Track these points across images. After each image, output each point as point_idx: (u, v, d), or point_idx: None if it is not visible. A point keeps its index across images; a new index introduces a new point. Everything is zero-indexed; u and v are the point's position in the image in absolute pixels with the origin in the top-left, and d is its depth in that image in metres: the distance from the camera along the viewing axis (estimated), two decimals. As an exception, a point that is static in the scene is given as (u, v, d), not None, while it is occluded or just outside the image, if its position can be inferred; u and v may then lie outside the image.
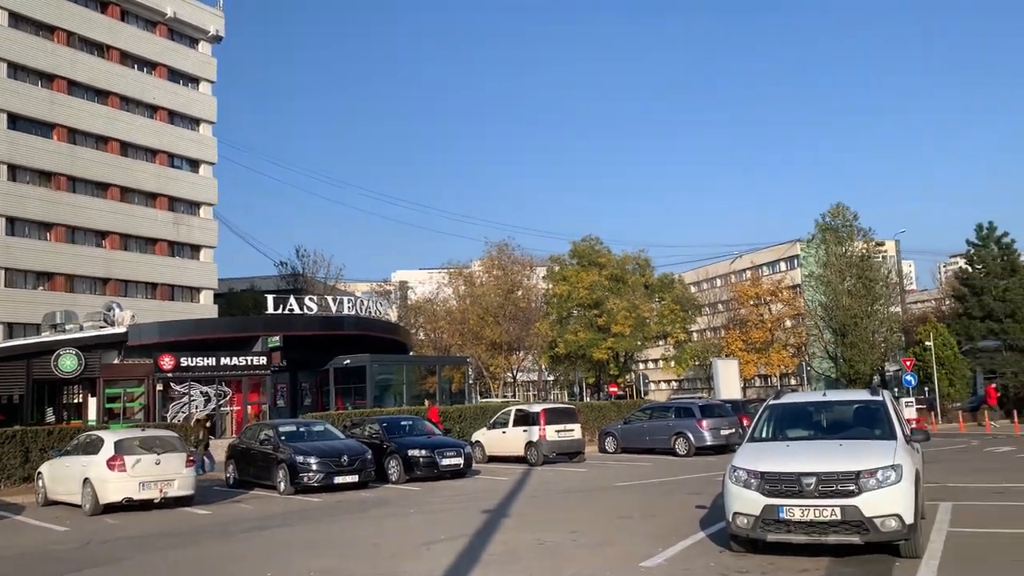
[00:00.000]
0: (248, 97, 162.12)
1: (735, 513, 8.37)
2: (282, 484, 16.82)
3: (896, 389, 45.54)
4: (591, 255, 62.10)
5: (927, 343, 41.10)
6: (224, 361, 30.40)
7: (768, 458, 8.56)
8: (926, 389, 42.73)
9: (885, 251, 59.98)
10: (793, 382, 66.81)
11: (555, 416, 22.72)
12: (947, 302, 62.98)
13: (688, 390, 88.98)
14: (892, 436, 8.77)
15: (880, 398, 9.53)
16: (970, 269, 44.30)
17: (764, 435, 9.64)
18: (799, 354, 62.08)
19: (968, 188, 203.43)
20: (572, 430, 22.77)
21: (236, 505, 15.60)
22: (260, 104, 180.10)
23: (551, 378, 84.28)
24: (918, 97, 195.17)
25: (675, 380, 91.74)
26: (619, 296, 60.85)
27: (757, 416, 9.93)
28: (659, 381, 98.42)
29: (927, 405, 39.68)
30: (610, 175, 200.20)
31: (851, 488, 7.81)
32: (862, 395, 9.93)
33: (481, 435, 24.16)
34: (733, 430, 23.53)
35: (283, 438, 17.68)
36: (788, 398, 10.24)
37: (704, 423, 23.59)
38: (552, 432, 22.25)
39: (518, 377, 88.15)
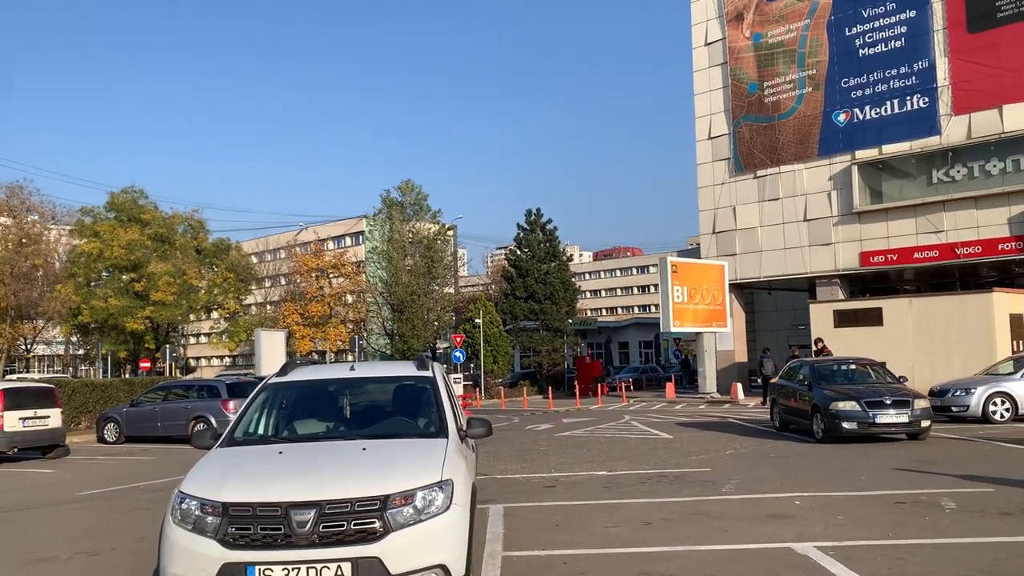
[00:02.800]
0: None
1: (174, 577, 4.69)
2: None
3: (446, 365, 46.16)
4: (133, 210, 53.59)
5: (477, 320, 41.90)
6: None
7: (242, 477, 5.01)
8: (472, 365, 43.71)
9: (451, 235, 61.45)
10: (350, 358, 65.55)
11: (22, 399, 16.80)
12: (493, 286, 66.84)
13: (244, 366, 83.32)
14: (442, 431, 5.83)
15: (429, 374, 6.60)
16: (518, 252, 46.43)
17: (253, 432, 6.11)
18: (358, 329, 60.82)
19: (519, 183, 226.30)
20: (47, 417, 17.06)
21: None
22: None
23: (81, 351, 72.69)
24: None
25: (229, 356, 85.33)
26: (165, 259, 53.57)
27: (247, 401, 6.36)
28: (211, 357, 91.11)
29: (473, 381, 40.36)
30: (167, 132, 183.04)
31: (373, 526, 4.61)
32: (405, 370, 6.91)
33: (-96, 427, 17.12)
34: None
35: None
36: (299, 374, 6.77)
37: (231, 405, 19.46)
38: (15, 420, 16.34)
39: (38, 350, 74.32)
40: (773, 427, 17.82)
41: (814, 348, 25.38)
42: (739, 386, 31.30)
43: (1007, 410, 17.54)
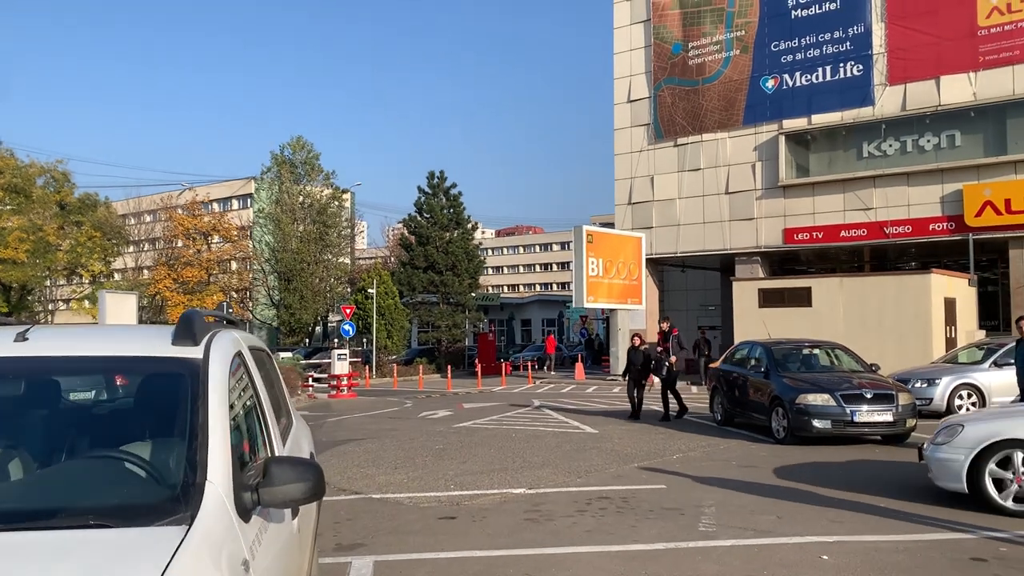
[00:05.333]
0: None
1: None
2: None
3: (336, 339, 42.06)
4: (-17, 157, 47.14)
5: (370, 290, 38.08)
6: None
7: None
8: (364, 340, 39.91)
9: (346, 200, 57.04)
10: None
11: None
12: (393, 258, 62.72)
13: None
14: (187, 499, 2.28)
15: (194, 354, 2.88)
16: (419, 218, 42.65)
17: None
18: (245, 299, 55.85)
19: (420, 154, 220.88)
20: None
21: None
22: None
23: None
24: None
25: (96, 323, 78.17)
26: (20, 213, 47.45)
27: None
28: (79, 324, 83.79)
29: (363, 358, 36.57)
30: (32, 79, 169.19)
31: None
32: (144, 344, 3.09)
33: None
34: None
35: None
36: None
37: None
38: None
39: None
40: (714, 420, 15.08)
41: (662, 328, 18.37)
42: (655, 369, 28.76)
43: (973, 404, 15.32)
